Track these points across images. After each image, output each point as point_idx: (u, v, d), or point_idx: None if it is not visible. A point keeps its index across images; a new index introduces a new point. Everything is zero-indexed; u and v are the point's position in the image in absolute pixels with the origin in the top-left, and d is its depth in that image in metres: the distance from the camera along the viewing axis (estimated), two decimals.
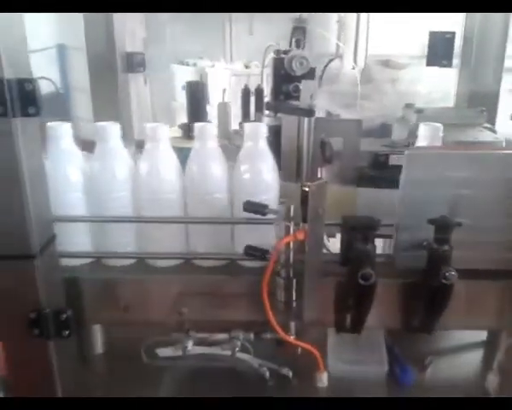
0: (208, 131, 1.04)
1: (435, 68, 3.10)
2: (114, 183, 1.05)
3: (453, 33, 1.48)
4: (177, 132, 1.59)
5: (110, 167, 1.05)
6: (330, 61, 3.47)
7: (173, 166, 1.07)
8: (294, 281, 1.03)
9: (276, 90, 1.58)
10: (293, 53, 1.53)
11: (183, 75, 3.62)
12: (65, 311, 0.98)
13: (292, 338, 1.05)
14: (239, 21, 4.47)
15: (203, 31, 4.24)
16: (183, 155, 1.30)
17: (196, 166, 1.06)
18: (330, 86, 3.45)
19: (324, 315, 1.06)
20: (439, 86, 2.91)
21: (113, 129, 1.05)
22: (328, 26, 3.93)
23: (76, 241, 1.08)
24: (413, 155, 1.03)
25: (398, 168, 1.10)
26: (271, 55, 1.61)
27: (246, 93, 1.68)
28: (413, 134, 1.31)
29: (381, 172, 1.18)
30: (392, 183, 1.13)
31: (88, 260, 1.10)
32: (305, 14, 3.45)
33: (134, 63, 1.45)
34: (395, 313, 1.10)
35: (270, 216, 1.01)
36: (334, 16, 3.94)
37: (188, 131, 1.56)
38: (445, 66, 1.48)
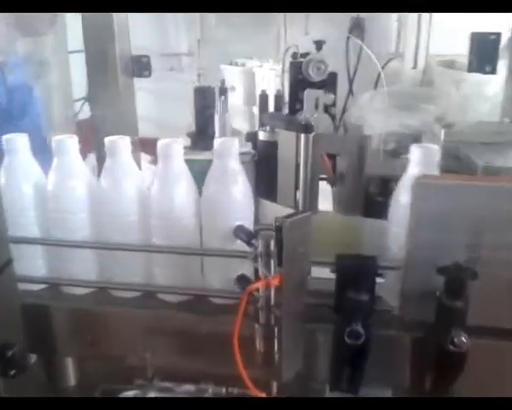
0: (174, 148, 0.87)
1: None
2: (71, 202, 0.91)
3: (498, 34, 1.21)
4: (186, 141, 1.42)
5: (66, 185, 0.90)
6: (389, 60, 3.20)
7: (134, 185, 0.90)
8: (276, 329, 0.84)
9: (293, 98, 1.38)
10: (310, 57, 1.32)
11: (231, 76, 3.46)
12: (11, 346, 0.84)
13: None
14: (294, 21, 4.23)
15: (258, 31, 4.06)
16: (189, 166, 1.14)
17: (160, 186, 0.89)
18: (389, 87, 3.17)
19: (314, 369, 0.87)
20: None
21: (70, 143, 0.90)
22: (388, 24, 3.64)
23: (33, 265, 0.94)
24: (422, 185, 0.80)
25: None
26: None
27: (263, 99, 1.49)
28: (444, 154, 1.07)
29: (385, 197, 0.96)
30: None
31: (45, 286, 0.97)
32: (362, 13, 3.18)
33: (138, 67, 1.30)
34: (400, 372, 0.88)
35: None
36: (393, 15, 3.65)
37: (197, 141, 1.39)
38: (487, 72, 1.22)
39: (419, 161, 0.85)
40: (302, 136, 0.96)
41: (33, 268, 0.95)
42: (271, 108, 1.50)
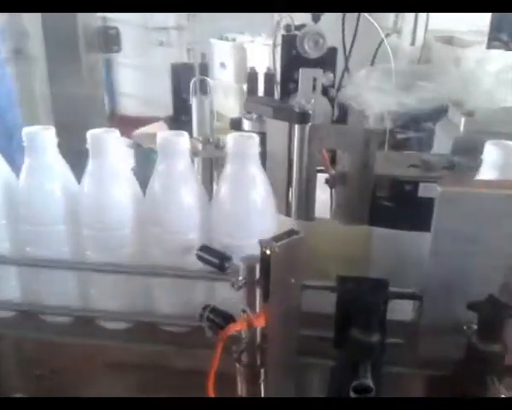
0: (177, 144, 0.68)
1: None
2: (44, 211, 0.72)
3: None
4: (163, 127, 1.22)
5: (40, 191, 0.72)
6: (387, 36, 2.98)
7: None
8: (262, 371, 0.66)
9: (286, 78, 1.18)
10: (305, 29, 1.12)
11: (222, 51, 3.24)
12: None
13: None
14: None
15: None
16: None
17: (157, 191, 0.71)
18: (386, 64, 2.97)
19: None
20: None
21: (45, 136, 0.71)
22: None
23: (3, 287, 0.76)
24: (449, 195, 0.62)
25: (431, 204, 0.70)
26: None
27: (252, 78, 1.28)
28: (460, 148, 0.88)
29: (404, 207, 0.77)
30: (422, 224, 0.73)
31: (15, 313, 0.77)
32: None
33: (105, 40, 1.10)
34: None
35: None
36: None
37: (173, 128, 1.19)
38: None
39: (496, 163, 0.66)
40: (296, 127, 0.77)
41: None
42: (261, 88, 1.30)
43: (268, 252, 0.56)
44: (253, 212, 0.69)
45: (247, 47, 3.04)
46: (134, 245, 0.73)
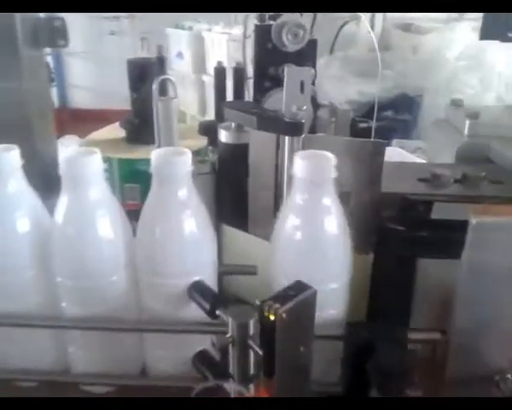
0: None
1: (468, 36, 2.47)
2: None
3: None
4: (119, 132, 1.05)
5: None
6: (345, 23, 2.87)
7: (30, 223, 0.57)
8: None
9: (260, 74, 1.03)
10: (283, 18, 0.97)
11: (178, 41, 3.05)
12: None
13: None
14: None
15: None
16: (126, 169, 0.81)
17: (65, 223, 0.56)
18: (345, 52, 2.86)
19: None
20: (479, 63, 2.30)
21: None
22: None
23: None
24: (485, 226, 0.50)
25: (448, 226, 0.59)
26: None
27: (219, 74, 1.13)
28: (465, 156, 0.77)
29: (415, 231, 0.65)
30: (437, 250, 0.62)
31: None
32: None
33: (50, 34, 0.93)
34: None
35: None
36: None
37: (133, 133, 1.03)
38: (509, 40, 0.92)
39: None
40: (286, 139, 0.63)
41: None
42: (230, 87, 1.14)
43: (272, 318, 0.42)
44: (187, 245, 0.57)
45: (205, 36, 2.87)
46: (124, 296, 0.59)
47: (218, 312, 0.54)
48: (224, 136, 0.70)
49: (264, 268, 0.70)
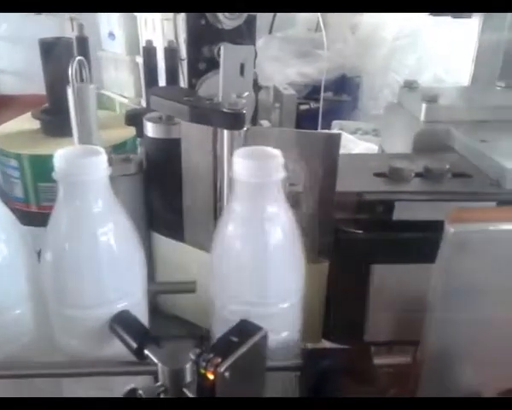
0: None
1: (405, 14, 2.44)
2: None
3: None
4: (32, 123, 0.89)
5: None
6: None
7: None
8: None
9: (193, 55, 0.90)
10: None
11: (109, 20, 2.82)
12: None
13: None
14: None
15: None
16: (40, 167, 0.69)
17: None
18: (284, 32, 2.76)
19: None
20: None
21: None
22: None
23: None
24: (464, 236, 0.42)
25: (412, 228, 0.51)
26: None
27: (149, 55, 1.00)
28: (423, 145, 0.69)
29: (375, 234, 0.56)
30: (398, 256, 0.54)
31: None
32: None
33: None
34: None
35: None
36: None
37: (49, 124, 0.88)
38: (460, 16, 0.85)
39: None
40: (225, 133, 0.52)
41: None
42: (162, 69, 1.01)
43: (211, 377, 0.32)
44: (104, 268, 0.46)
45: (137, 14, 2.66)
46: (32, 333, 0.47)
47: (146, 352, 0.43)
48: (150, 129, 0.58)
49: (204, 283, 0.59)
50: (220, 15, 0.85)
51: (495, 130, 0.67)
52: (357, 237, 0.56)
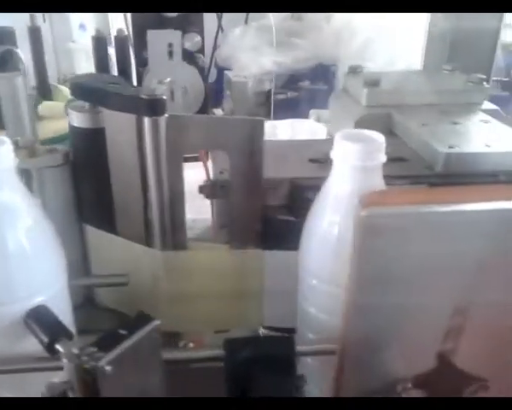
0: None
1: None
2: None
3: None
4: None
5: None
6: None
7: None
8: None
9: (140, 42, 0.89)
10: None
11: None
12: None
13: None
14: None
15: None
16: None
17: None
18: (259, 22, 2.73)
19: None
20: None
21: None
22: None
23: None
24: (378, 220, 0.41)
25: None
26: None
27: (98, 42, 0.98)
28: (369, 128, 0.68)
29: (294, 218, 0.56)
30: None
31: None
32: None
33: None
34: None
35: None
36: None
37: None
38: None
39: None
40: (146, 120, 0.50)
41: None
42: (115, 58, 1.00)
43: (92, 372, 0.30)
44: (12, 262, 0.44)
45: None
46: None
47: (57, 346, 0.42)
48: (74, 118, 0.56)
49: (137, 275, 0.58)
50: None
51: (436, 114, 0.67)
52: (289, 223, 0.55)
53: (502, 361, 0.45)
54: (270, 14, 2.73)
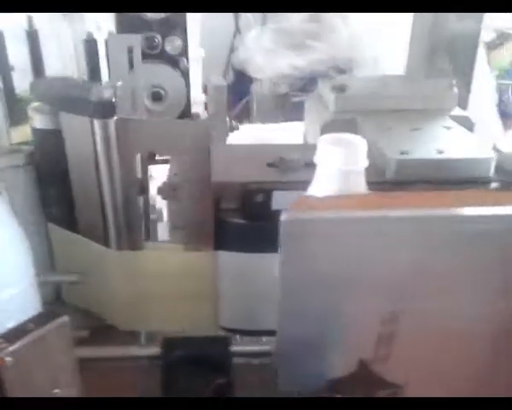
0: None
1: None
2: None
3: None
4: None
5: None
6: None
7: None
8: None
9: None
10: None
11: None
12: None
13: None
14: None
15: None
16: None
17: None
18: (277, 24, 2.74)
19: None
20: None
21: None
22: None
23: None
24: (295, 224, 0.42)
25: None
26: None
27: (90, 49, 1.00)
28: (333, 132, 0.68)
29: (255, 223, 0.56)
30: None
31: None
32: None
33: None
34: None
35: None
36: None
37: None
38: None
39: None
40: (95, 123, 0.52)
41: None
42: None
43: None
44: None
45: None
46: None
47: None
48: (35, 120, 0.58)
49: (96, 274, 0.60)
50: None
51: (400, 119, 0.66)
52: (241, 226, 0.56)
53: (434, 366, 0.45)
54: (288, 15, 2.74)
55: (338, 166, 0.46)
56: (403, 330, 0.44)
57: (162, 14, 0.88)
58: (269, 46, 2.58)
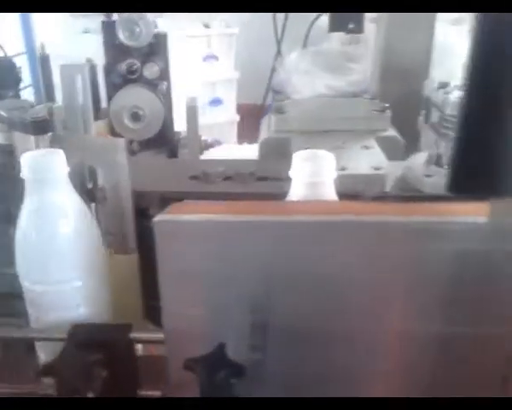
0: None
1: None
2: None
3: None
4: None
5: None
6: (318, 16, 2.83)
7: None
8: None
9: (110, 70, 1.02)
10: (122, 15, 0.96)
11: None
12: None
13: None
14: None
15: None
16: None
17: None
18: (318, 46, 2.81)
19: None
20: None
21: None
22: None
23: None
24: (166, 224, 0.48)
25: None
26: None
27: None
28: (268, 153, 0.74)
29: None
30: None
31: None
32: None
33: None
34: None
35: None
36: None
37: None
38: (352, 31, 0.89)
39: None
40: (32, 139, 0.61)
41: None
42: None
43: None
44: None
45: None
46: None
47: None
48: None
49: None
50: (121, 37, 0.95)
51: (327, 138, 0.71)
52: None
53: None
54: (329, 38, 2.80)
55: (307, 178, 0.52)
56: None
57: (139, 43, 0.97)
58: (307, 68, 2.65)
